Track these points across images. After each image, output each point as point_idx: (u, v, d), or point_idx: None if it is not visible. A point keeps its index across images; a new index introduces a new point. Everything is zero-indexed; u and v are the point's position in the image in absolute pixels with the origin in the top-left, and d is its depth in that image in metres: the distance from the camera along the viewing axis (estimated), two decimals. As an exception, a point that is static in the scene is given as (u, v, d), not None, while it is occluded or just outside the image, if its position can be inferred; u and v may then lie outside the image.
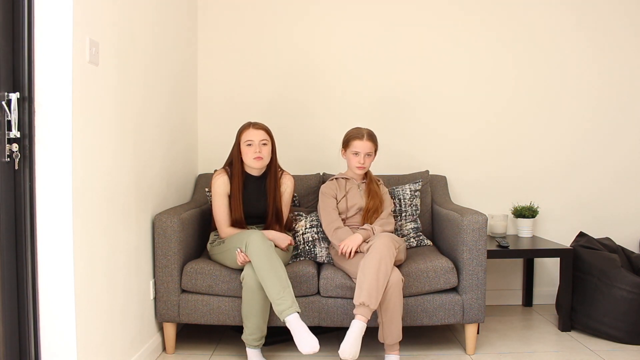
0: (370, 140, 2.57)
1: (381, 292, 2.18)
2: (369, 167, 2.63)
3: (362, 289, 2.17)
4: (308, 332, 2.10)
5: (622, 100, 3.26)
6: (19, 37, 1.63)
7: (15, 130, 1.60)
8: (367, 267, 2.20)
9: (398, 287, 2.23)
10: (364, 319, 2.16)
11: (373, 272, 2.18)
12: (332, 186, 2.62)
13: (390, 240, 2.28)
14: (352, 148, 2.57)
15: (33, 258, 1.66)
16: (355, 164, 2.57)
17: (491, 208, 3.23)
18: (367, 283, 2.17)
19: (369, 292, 2.15)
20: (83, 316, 1.74)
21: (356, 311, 2.17)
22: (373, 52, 3.24)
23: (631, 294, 2.58)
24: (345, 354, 2.13)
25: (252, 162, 2.48)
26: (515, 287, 3.31)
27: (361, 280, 2.20)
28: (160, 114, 2.55)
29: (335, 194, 2.59)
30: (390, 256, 2.23)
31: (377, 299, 2.17)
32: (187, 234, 2.48)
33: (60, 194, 1.66)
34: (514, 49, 3.24)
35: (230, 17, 3.22)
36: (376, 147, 2.62)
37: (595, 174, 3.28)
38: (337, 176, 2.68)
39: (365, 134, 2.57)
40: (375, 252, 2.22)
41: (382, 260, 2.20)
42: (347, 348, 2.13)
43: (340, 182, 2.64)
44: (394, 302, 2.22)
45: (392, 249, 2.25)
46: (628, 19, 3.23)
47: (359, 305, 2.17)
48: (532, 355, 2.47)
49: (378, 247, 2.24)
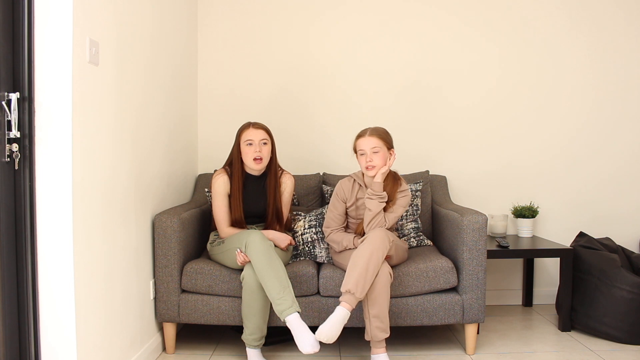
0: (375, 136, 2.40)
1: (369, 283, 2.18)
2: (381, 166, 2.39)
3: (351, 276, 2.18)
4: (308, 332, 2.11)
5: (622, 100, 3.26)
6: (19, 37, 1.63)
7: (15, 130, 1.60)
8: (359, 257, 2.20)
9: (386, 282, 2.23)
10: (349, 306, 2.16)
11: (364, 262, 2.18)
12: (347, 188, 2.52)
13: (385, 234, 2.28)
14: (358, 148, 2.45)
15: (33, 258, 1.66)
16: (363, 164, 2.42)
17: (491, 208, 3.24)
18: (357, 272, 2.17)
19: (356, 281, 2.16)
20: (83, 316, 1.74)
21: (342, 298, 2.18)
22: (373, 51, 3.24)
23: (631, 294, 2.58)
24: (322, 335, 2.10)
25: (251, 163, 2.49)
26: (515, 287, 3.31)
27: (351, 269, 2.20)
28: (161, 113, 2.55)
29: (347, 197, 2.51)
30: (382, 249, 2.23)
31: (364, 289, 2.16)
32: (187, 234, 2.48)
33: (60, 194, 1.66)
34: (515, 49, 3.24)
35: (230, 16, 3.22)
36: (387, 143, 2.42)
37: (595, 174, 3.28)
38: (355, 177, 2.53)
39: (368, 130, 2.43)
40: (369, 243, 2.23)
41: (375, 252, 2.20)
42: (326, 330, 2.11)
43: (355, 186, 2.51)
44: (382, 297, 2.22)
45: (386, 243, 2.25)
46: (623, 12, 3.22)
47: (345, 293, 2.17)
48: (532, 355, 2.47)
49: (372, 239, 2.25)
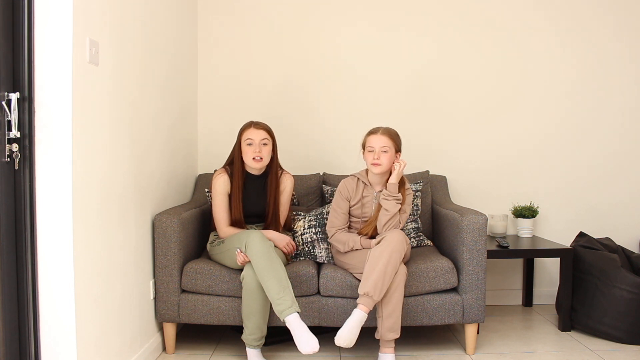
0: (387, 136, 2.40)
1: (387, 285, 2.18)
2: (387, 166, 2.40)
3: (369, 279, 2.17)
4: (308, 332, 2.11)
5: (622, 100, 3.26)
6: (19, 37, 1.63)
7: (15, 130, 1.60)
8: (377, 259, 2.19)
9: (402, 282, 2.23)
10: (366, 309, 2.16)
11: (382, 264, 2.17)
12: (351, 186, 2.49)
13: (402, 236, 2.28)
14: (367, 145, 2.44)
15: (33, 258, 1.66)
16: (370, 160, 2.41)
17: (491, 208, 3.23)
18: (375, 274, 2.16)
19: (374, 283, 2.15)
20: (83, 316, 1.74)
21: (359, 300, 2.18)
22: (374, 53, 3.24)
23: (631, 294, 2.58)
24: (340, 340, 2.12)
25: (251, 162, 2.49)
26: (515, 287, 3.30)
27: (369, 271, 2.19)
28: (161, 114, 2.55)
29: (351, 196, 2.49)
30: (401, 251, 2.23)
31: (382, 291, 2.17)
32: (187, 234, 2.48)
33: (60, 194, 1.66)
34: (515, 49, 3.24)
35: (230, 15, 3.22)
36: (396, 145, 2.42)
37: (595, 174, 3.27)
38: (359, 176, 2.51)
39: (381, 129, 2.43)
40: (387, 245, 2.22)
41: (393, 254, 2.20)
42: (344, 334, 2.12)
43: (359, 185, 2.49)
44: (396, 297, 2.22)
45: (404, 244, 2.25)
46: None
47: (362, 295, 2.17)
48: (532, 355, 2.47)
49: (391, 240, 2.23)
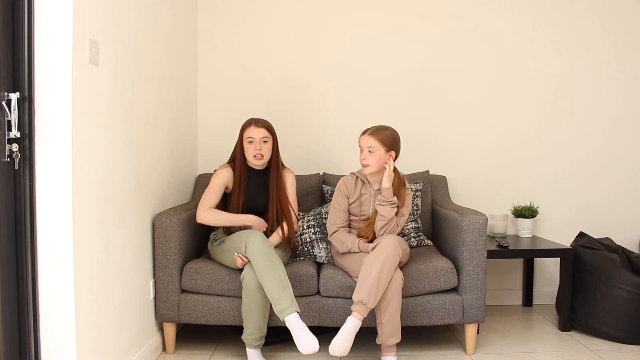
0: (373, 136, 2.37)
1: (381, 292, 2.18)
2: (376, 166, 2.38)
3: (363, 286, 2.17)
4: (308, 332, 2.11)
5: (622, 100, 3.26)
6: (19, 37, 1.63)
7: (15, 130, 1.60)
8: (371, 266, 2.19)
9: (399, 288, 2.23)
10: (360, 316, 2.16)
11: (376, 272, 2.17)
12: (349, 184, 2.49)
13: (397, 241, 2.27)
14: (359, 144, 2.43)
15: (33, 258, 1.66)
16: (360, 159, 2.42)
17: (491, 208, 3.23)
18: (369, 281, 2.16)
19: (368, 291, 2.15)
20: (83, 316, 1.74)
21: (353, 308, 2.17)
22: (374, 53, 3.24)
23: (631, 294, 2.58)
24: (334, 350, 2.12)
25: (252, 160, 2.51)
26: (515, 287, 3.30)
27: (363, 278, 2.19)
28: (161, 113, 2.55)
29: (349, 193, 2.48)
30: (395, 257, 2.22)
31: (376, 298, 2.17)
32: (187, 234, 2.48)
33: (60, 194, 1.66)
34: (515, 50, 3.24)
35: (230, 15, 3.22)
36: (385, 146, 2.37)
37: (595, 174, 3.27)
38: (358, 174, 2.50)
39: (370, 129, 2.40)
40: (381, 252, 2.22)
41: (387, 261, 2.19)
42: (338, 343, 2.12)
43: (358, 182, 2.49)
44: (394, 304, 2.22)
45: (399, 250, 2.25)
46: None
47: (356, 303, 2.17)
48: (532, 355, 2.47)
49: (385, 246, 2.23)
